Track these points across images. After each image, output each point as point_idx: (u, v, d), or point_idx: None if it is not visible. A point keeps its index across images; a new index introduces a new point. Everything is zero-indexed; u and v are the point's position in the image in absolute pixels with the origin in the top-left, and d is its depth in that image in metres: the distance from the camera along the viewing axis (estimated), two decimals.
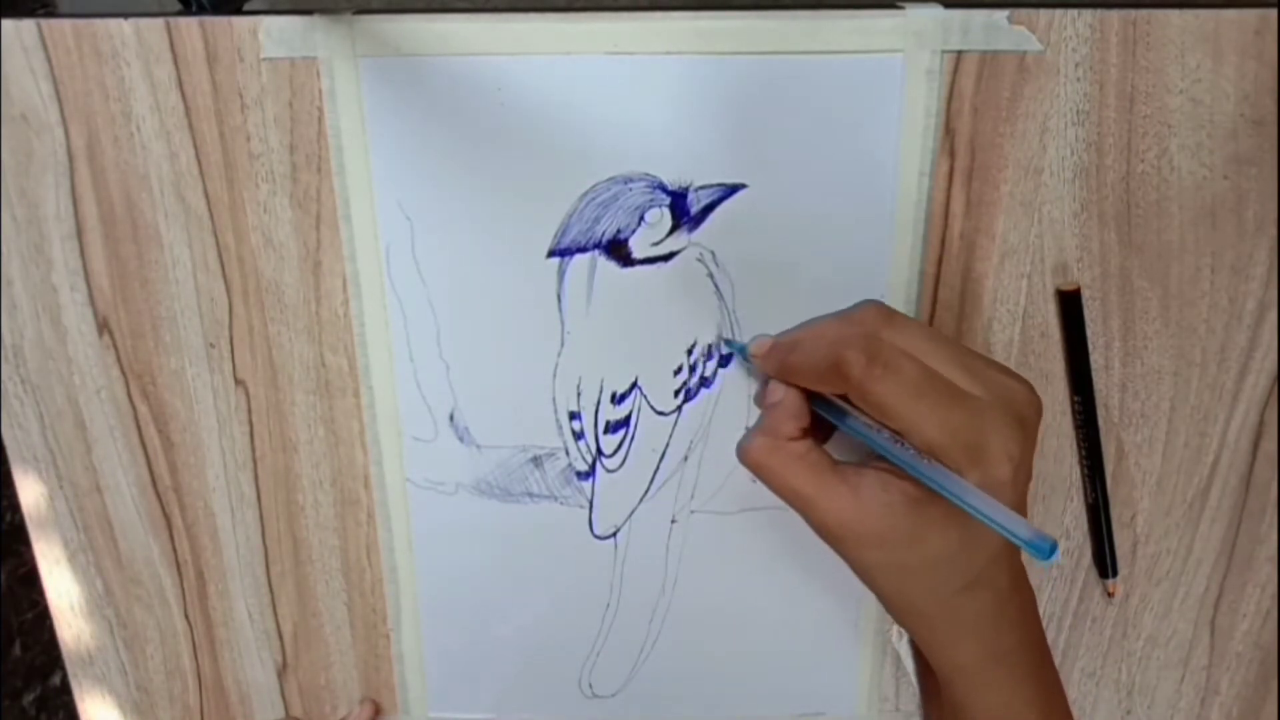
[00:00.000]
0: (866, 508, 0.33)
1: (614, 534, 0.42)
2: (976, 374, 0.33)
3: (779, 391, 0.36)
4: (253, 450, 0.42)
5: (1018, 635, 0.36)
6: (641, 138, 0.37)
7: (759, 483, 0.36)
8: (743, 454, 0.36)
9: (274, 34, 0.36)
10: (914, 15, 0.35)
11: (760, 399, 0.38)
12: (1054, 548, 0.30)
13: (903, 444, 0.33)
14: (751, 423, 0.41)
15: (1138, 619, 0.44)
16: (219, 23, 0.36)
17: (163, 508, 0.43)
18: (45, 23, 0.36)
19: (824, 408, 0.35)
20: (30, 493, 0.43)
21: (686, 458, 0.41)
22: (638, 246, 0.38)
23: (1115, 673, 0.45)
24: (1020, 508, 0.33)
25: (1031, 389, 0.34)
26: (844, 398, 0.34)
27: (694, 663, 0.45)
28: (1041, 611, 0.44)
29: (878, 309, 0.35)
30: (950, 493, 0.32)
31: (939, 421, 0.32)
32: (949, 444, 0.31)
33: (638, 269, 0.38)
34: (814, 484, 0.34)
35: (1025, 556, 0.39)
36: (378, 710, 0.46)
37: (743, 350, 0.39)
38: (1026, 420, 0.33)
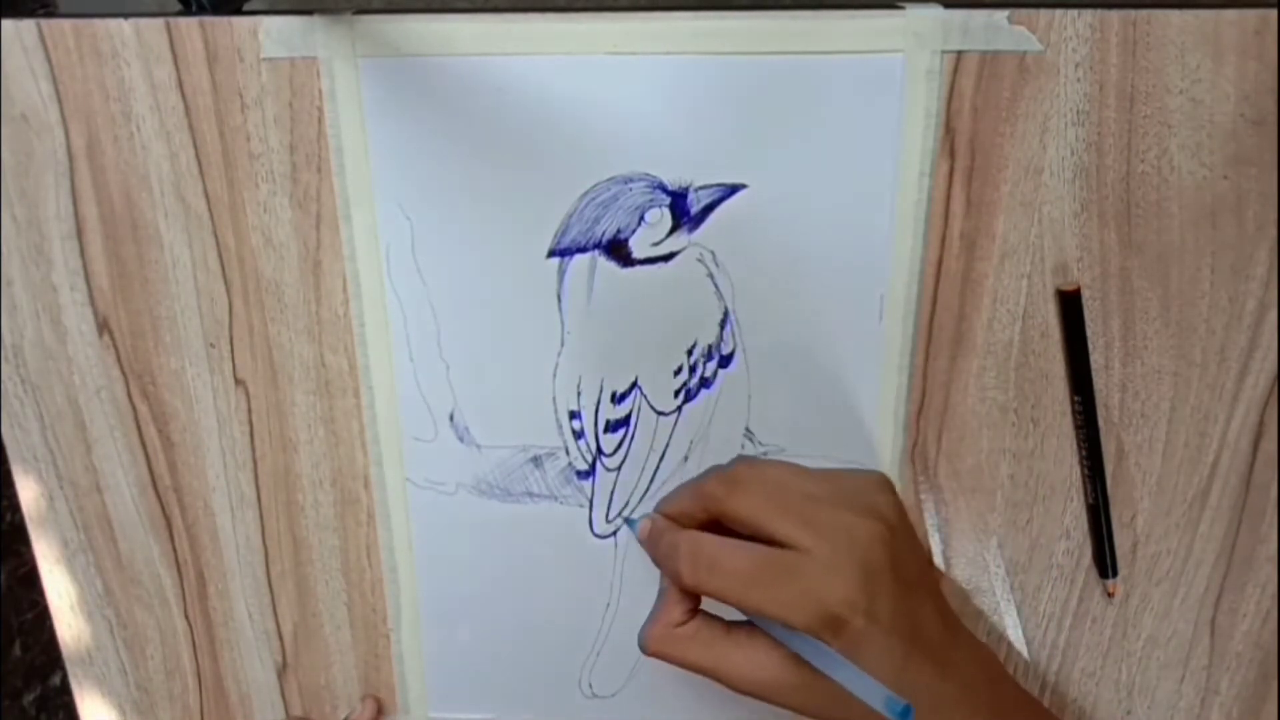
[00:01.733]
0: (766, 665, 0.35)
1: (614, 534, 0.42)
2: (817, 527, 0.34)
3: (664, 579, 0.38)
4: (253, 450, 0.42)
5: (959, 714, 0.36)
6: (641, 138, 0.37)
7: None
8: (642, 645, 0.38)
9: (274, 34, 0.36)
10: (914, 15, 0.35)
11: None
12: (906, 710, 0.31)
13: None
14: (751, 424, 0.41)
15: (1138, 619, 0.44)
16: (219, 23, 0.36)
17: (163, 508, 0.43)
18: (45, 23, 0.36)
19: None
20: (30, 493, 0.43)
21: (686, 458, 0.41)
22: (638, 246, 0.38)
23: (1115, 673, 0.45)
24: (896, 644, 0.34)
25: (879, 516, 0.35)
26: None
27: None
28: (1041, 611, 0.44)
29: (717, 481, 0.37)
30: (810, 659, 0.33)
31: (776, 601, 0.33)
32: (795, 617, 0.33)
33: (638, 269, 0.38)
34: (712, 658, 0.36)
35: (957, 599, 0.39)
36: (380, 708, 0.46)
37: (635, 529, 0.41)
38: (871, 560, 0.34)
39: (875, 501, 0.36)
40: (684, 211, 0.38)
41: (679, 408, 0.41)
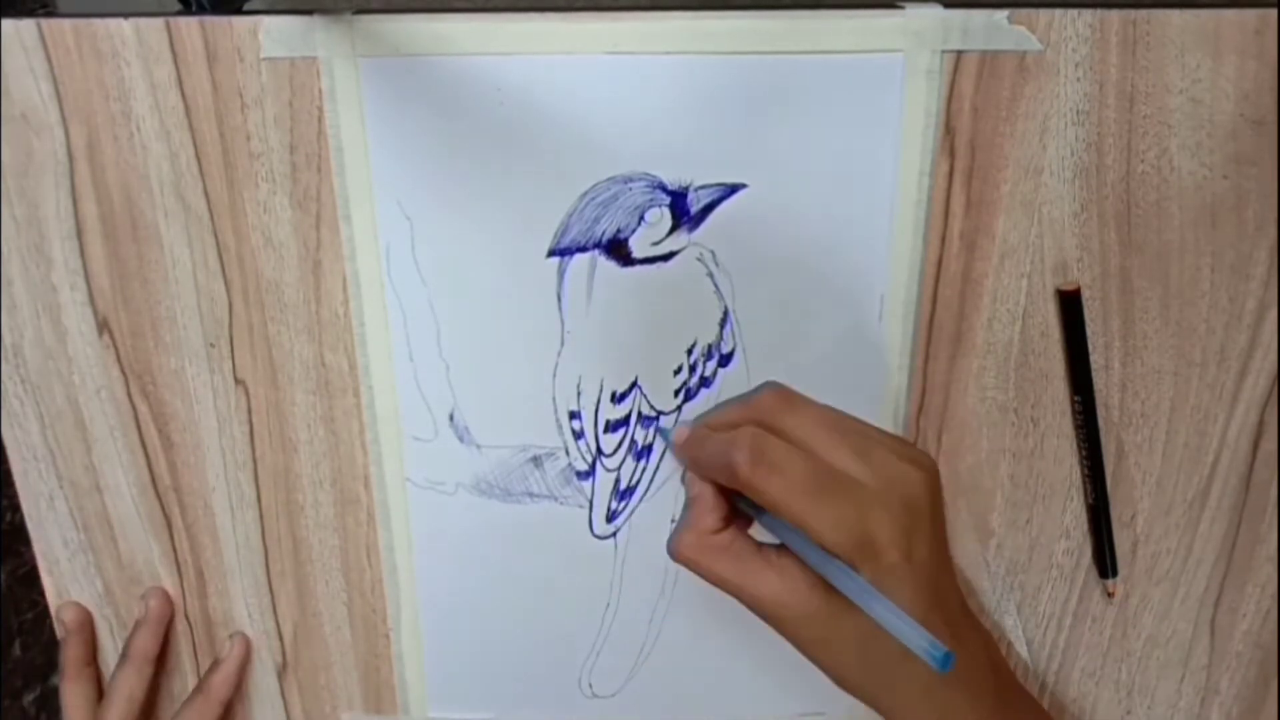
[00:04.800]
0: (791, 588, 0.35)
1: (614, 534, 0.42)
2: (868, 459, 0.34)
3: (696, 485, 0.38)
4: (253, 450, 0.42)
5: (964, 692, 0.36)
6: (641, 138, 0.37)
7: None
8: (671, 550, 0.37)
9: (274, 34, 0.36)
10: (914, 15, 0.35)
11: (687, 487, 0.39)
12: (947, 658, 0.30)
13: (804, 538, 0.34)
14: None
15: (1138, 619, 0.44)
16: (219, 23, 0.36)
17: (163, 508, 0.43)
18: (45, 23, 0.36)
19: (741, 499, 0.36)
20: (30, 493, 0.43)
21: None
22: (638, 246, 0.38)
23: (1115, 673, 0.45)
24: (924, 593, 0.34)
25: (925, 468, 0.35)
26: None
27: (694, 663, 0.45)
28: (1041, 611, 0.44)
29: (775, 395, 0.36)
30: (846, 590, 0.33)
31: (825, 517, 0.33)
32: (837, 538, 0.33)
33: (638, 269, 0.38)
34: (740, 572, 0.36)
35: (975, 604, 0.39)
36: (249, 646, 0.45)
37: (668, 437, 0.40)
38: (915, 503, 0.34)
39: (919, 456, 0.36)
40: (684, 211, 0.38)
41: (679, 407, 0.41)
